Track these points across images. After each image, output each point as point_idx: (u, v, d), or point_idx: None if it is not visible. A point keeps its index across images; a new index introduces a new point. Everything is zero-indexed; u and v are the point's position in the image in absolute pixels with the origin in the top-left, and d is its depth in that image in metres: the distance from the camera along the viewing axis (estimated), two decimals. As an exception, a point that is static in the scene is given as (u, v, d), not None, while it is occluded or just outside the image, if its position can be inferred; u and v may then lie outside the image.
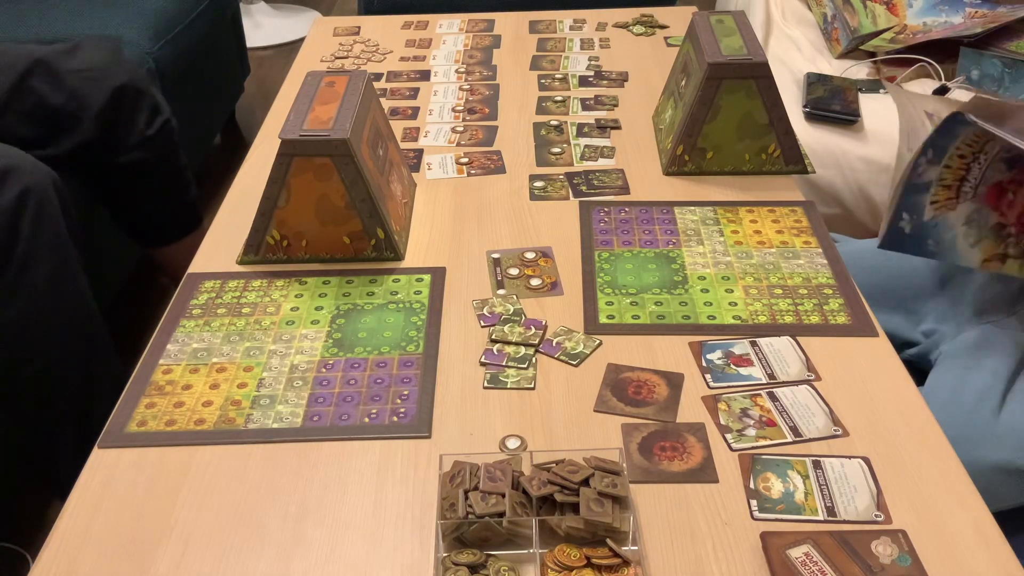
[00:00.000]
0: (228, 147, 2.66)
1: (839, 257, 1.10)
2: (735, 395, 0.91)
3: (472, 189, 1.27)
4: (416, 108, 1.49)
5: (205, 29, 2.28)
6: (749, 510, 0.79)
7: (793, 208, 1.19)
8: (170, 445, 0.88)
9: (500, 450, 0.85)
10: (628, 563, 0.73)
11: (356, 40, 1.73)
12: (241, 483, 0.84)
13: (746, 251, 1.11)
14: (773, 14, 2.21)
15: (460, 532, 0.76)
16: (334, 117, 1.08)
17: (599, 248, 1.13)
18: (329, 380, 0.94)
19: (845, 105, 1.78)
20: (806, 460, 0.83)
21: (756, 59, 1.20)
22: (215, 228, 1.20)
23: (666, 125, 1.33)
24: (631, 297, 1.05)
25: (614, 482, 0.76)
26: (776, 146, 1.25)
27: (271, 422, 0.90)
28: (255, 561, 0.76)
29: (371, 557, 0.76)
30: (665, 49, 1.66)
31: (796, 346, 0.97)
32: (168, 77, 2.01)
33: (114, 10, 2.06)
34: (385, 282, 1.09)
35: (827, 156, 1.77)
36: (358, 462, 0.85)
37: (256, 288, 1.08)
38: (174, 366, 0.97)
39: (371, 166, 1.10)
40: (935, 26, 1.96)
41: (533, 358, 0.97)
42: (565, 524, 0.75)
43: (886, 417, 0.88)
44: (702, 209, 1.19)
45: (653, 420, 0.88)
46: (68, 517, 0.81)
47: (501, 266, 1.11)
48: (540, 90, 1.53)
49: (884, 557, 0.73)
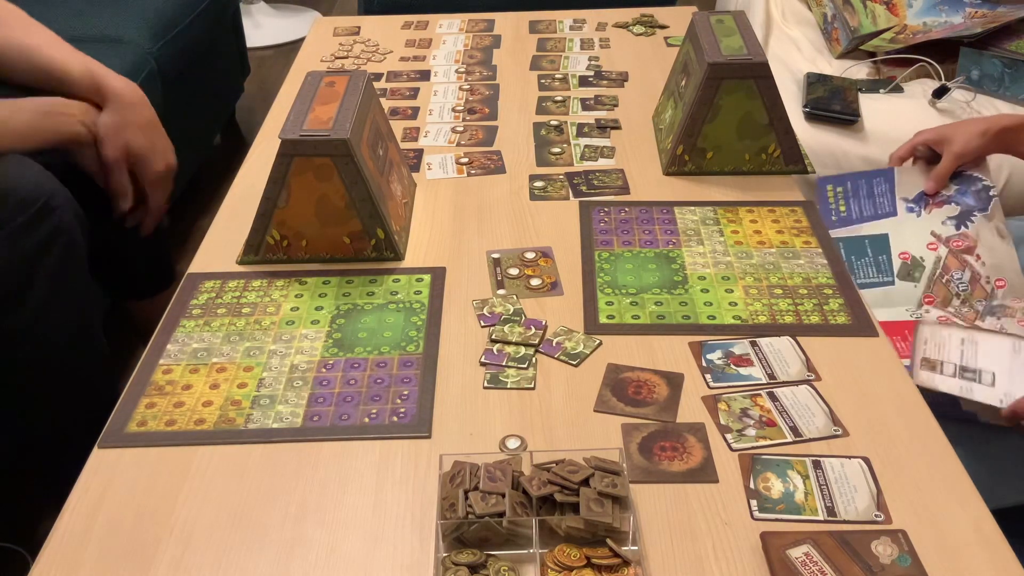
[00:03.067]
0: (228, 147, 2.66)
1: (839, 257, 1.11)
2: (735, 395, 0.91)
3: (472, 189, 1.27)
4: (416, 108, 1.49)
5: (205, 29, 2.28)
6: (749, 510, 0.79)
7: (793, 208, 1.19)
8: (170, 445, 0.88)
9: (500, 450, 0.85)
10: (628, 563, 0.73)
11: (356, 40, 1.73)
12: (241, 483, 0.84)
13: (746, 251, 1.11)
14: (773, 14, 2.20)
15: (460, 532, 0.76)
16: (334, 117, 1.08)
17: (599, 248, 1.13)
18: (329, 380, 0.94)
19: (845, 105, 1.78)
20: (806, 460, 0.83)
21: (756, 59, 1.20)
22: (215, 228, 1.20)
23: (666, 125, 1.33)
24: (631, 297, 1.05)
25: (614, 482, 0.76)
26: (776, 146, 1.25)
27: (271, 422, 0.90)
28: (255, 561, 0.76)
29: (371, 557, 0.76)
30: (665, 49, 1.66)
31: (796, 346, 0.97)
32: (168, 77, 2.01)
33: (114, 10, 2.06)
34: (385, 282, 1.09)
35: (827, 156, 1.77)
36: (358, 462, 0.85)
37: (256, 288, 1.08)
38: (174, 366, 0.97)
39: (371, 166, 1.10)
40: (935, 26, 1.96)
41: (533, 358, 0.97)
42: (565, 524, 0.75)
43: (886, 417, 0.88)
44: (702, 209, 1.19)
45: (653, 420, 0.88)
46: (68, 517, 0.81)
47: (501, 266, 1.11)
48: (540, 90, 1.53)
49: (884, 557, 0.73)
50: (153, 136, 1.39)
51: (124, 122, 1.35)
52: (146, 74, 1.92)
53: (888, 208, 1.33)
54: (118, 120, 1.34)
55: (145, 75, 1.91)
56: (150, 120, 1.39)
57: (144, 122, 1.38)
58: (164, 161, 1.40)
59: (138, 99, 1.37)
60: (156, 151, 1.39)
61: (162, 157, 1.39)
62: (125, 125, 1.35)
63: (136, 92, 1.37)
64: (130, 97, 1.36)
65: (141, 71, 1.90)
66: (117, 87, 1.34)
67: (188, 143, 2.11)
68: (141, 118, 1.37)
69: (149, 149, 1.38)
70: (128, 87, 1.36)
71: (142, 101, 1.38)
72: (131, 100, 1.36)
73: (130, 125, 1.36)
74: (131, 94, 1.36)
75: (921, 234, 1.29)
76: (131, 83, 1.37)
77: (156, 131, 1.40)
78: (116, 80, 1.35)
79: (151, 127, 1.39)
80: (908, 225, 1.30)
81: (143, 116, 1.37)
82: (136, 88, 1.38)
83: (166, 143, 1.42)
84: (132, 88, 1.37)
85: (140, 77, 1.88)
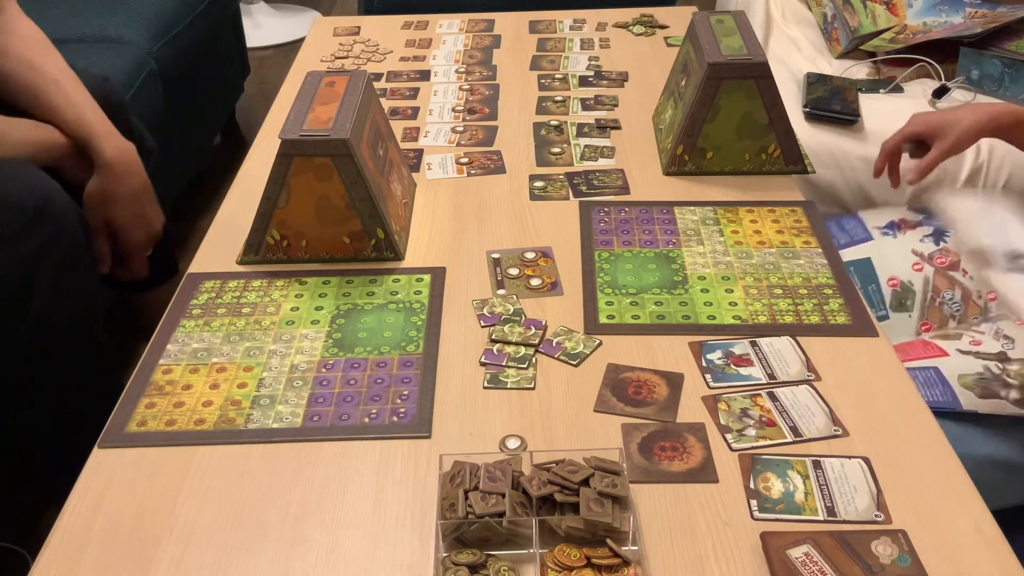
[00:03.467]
0: (228, 147, 2.66)
1: (839, 257, 1.10)
2: (735, 395, 0.91)
3: (472, 189, 1.27)
4: (416, 108, 1.49)
5: (205, 29, 2.28)
6: (749, 510, 0.79)
7: (793, 208, 1.19)
8: (170, 445, 0.88)
9: (500, 450, 0.85)
10: (628, 563, 0.73)
11: (356, 40, 1.73)
12: (241, 483, 0.84)
13: (746, 251, 1.11)
14: (773, 14, 2.20)
15: (460, 532, 0.76)
16: (334, 117, 1.08)
17: (599, 248, 1.13)
18: (329, 380, 0.94)
19: (845, 105, 1.78)
20: (806, 460, 0.83)
21: (756, 59, 1.20)
22: (215, 228, 1.20)
23: (666, 125, 1.33)
24: (631, 297, 1.05)
25: (614, 482, 0.76)
26: (776, 146, 1.25)
27: (271, 422, 0.90)
28: (255, 561, 0.76)
29: (371, 557, 0.76)
30: (665, 49, 1.66)
31: (796, 346, 0.97)
32: (168, 77, 2.01)
33: (114, 10, 2.06)
34: (385, 282, 1.09)
35: (827, 156, 1.77)
36: (358, 462, 0.85)
37: (256, 288, 1.08)
38: (174, 366, 0.97)
39: (371, 166, 1.10)
40: (935, 26, 1.96)
41: (533, 358, 0.97)
42: (565, 524, 0.75)
43: (886, 417, 0.88)
44: (702, 209, 1.19)
45: (653, 420, 0.88)
46: (68, 517, 0.81)
47: (501, 266, 1.11)
48: (540, 90, 1.53)
49: (884, 557, 0.73)
50: (139, 207, 1.36)
51: (110, 193, 1.32)
52: (146, 74, 1.91)
53: (863, 234, 1.33)
54: (104, 190, 1.32)
55: (145, 75, 1.91)
56: (137, 190, 1.35)
57: (131, 193, 1.34)
58: (145, 232, 1.37)
59: (128, 168, 1.33)
60: (140, 223, 1.37)
61: (145, 228, 1.37)
62: (111, 196, 1.32)
63: (128, 158, 1.33)
64: (120, 167, 1.32)
65: (141, 71, 1.90)
66: (108, 156, 1.30)
67: (188, 143, 2.11)
68: (128, 189, 1.34)
69: (131, 222, 1.36)
70: (120, 153, 1.32)
71: (132, 170, 1.34)
72: (121, 170, 1.32)
73: (117, 197, 1.33)
74: (122, 162, 1.32)
75: (903, 254, 1.28)
76: (126, 147, 1.33)
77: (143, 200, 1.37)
78: (109, 146, 1.31)
79: (138, 197, 1.36)
80: (888, 247, 1.30)
81: (131, 187, 1.34)
82: (130, 152, 1.34)
83: (153, 211, 1.39)
84: (124, 153, 1.33)
85: (140, 77, 1.88)
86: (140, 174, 1.36)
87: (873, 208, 1.36)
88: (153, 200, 1.40)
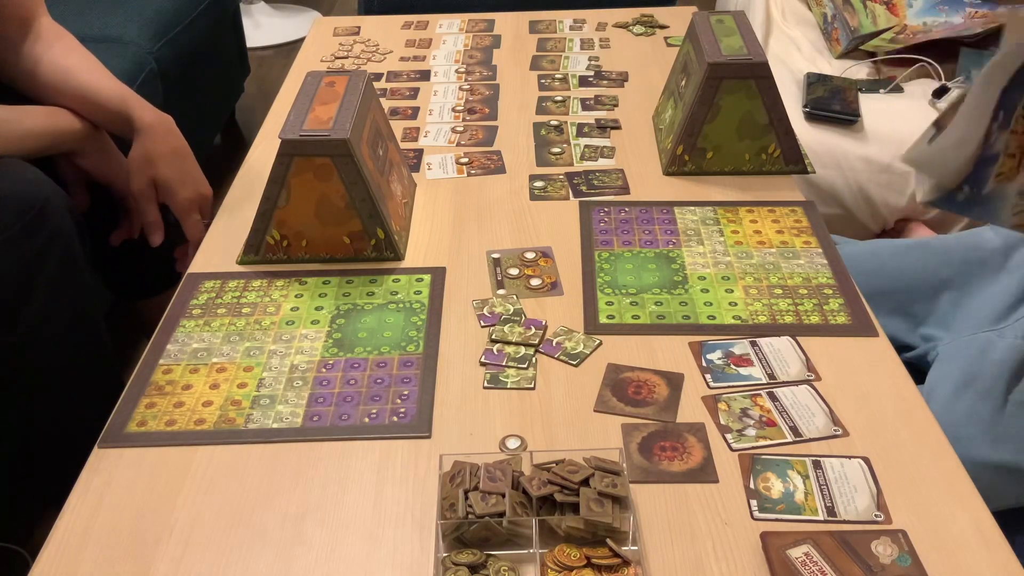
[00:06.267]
0: (228, 147, 2.66)
1: (839, 257, 1.10)
2: (735, 395, 0.91)
3: (472, 189, 1.27)
4: (416, 108, 1.49)
5: (205, 29, 2.28)
6: (749, 510, 0.79)
7: (793, 208, 1.19)
8: (170, 445, 0.88)
9: (500, 450, 0.85)
10: (628, 563, 0.73)
11: (356, 40, 1.73)
12: (241, 483, 0.84)
13: (746, 251, 1.11)
14: (773, 14, 2.21)
15: (460, 532, 0.76)
16: (334, 117, 1.08)
17: (599, 248, 1.13)
18: (329, 380, 0.94)
19: (845, 105, 1.78)
20: (806, 460, 0.83)
21: (756, 59, 1.20)
22: (215, 228, 1.20)
23: (666, 125, 1.33)
24: (631, 297, 1.05)
25: (614, 482, 0.76)
26: (776, 146, 1.25)
27: (271, 422, 0.90)
28: (255, 561, 0.76)
29: (371, 557, 0.76)
30: (665, 49, 1.66)
31: (796, 346, 0.97)
32: (168, 77, 2.01)
33: (114, 10, 2.06)
34: (385, 282, 1.09)
35: (827, 156, 1.77)
36: (358, 462, 0.85)
37: (256, 288, 1.08)
38: (174, 366, 0.97)
39: (371, 166, 1.10)
40: (935, 26, 1.96)
41: (533, 358, 0.97)
42: (565, 524, 0.75)
43: (886, 417, 0.88)
44: (702, 209, 1.19)
45: (653, 420, 0.88)
46: (68, 517, 0.81)
47: (501, 266, 1.11)
48: (540, 90, 1.53)
49: (884, 557, 0.73)
50: (182, 165, 1.36)
51: (151, 153, 1.33)
52: (146, 74, 1.91)
53: None
54: (145, 151, 1.32)
55: (145, 75, 1.91)
56: (178, 149, 1.36)
57: (172, 151, 1.35)
58: (193, 189, 1.36)
59: (168, 129, 1.34)
60: (186, 180, 1.36)
61: (192, 185, 1.36)
62: (152, 156, 1.33)
63: (167, 123, 1.35)
64: (161, 127, 1.33)
65: (141, 71, 1.90)
66: (148, 119, 1.32)
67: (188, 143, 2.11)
68: (168, 147, 1.34)
69: (176, 179, 1.35)
70: (159, 119, 1.34)
71: (172, 131, 1.35)
72: (162, 130, 1.34)
73: (157, 155, 1.33)
74: (161, 125, 1.34)
75: None
76: (164, 115, 1.35)
77: (186, 160, 1.37)
78: (148, 113, 1.33)
79: (180, 156, 1.36)
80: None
81: (171, 145, 1.35)
82: (168, 120, 1.35)
83: (197, 173, 1.39)
84: (163, 119, 1.35)
85: (140, 77, 1.88)
86: (180, 137, 1.37)
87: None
88: (196, 165, 1.40)
